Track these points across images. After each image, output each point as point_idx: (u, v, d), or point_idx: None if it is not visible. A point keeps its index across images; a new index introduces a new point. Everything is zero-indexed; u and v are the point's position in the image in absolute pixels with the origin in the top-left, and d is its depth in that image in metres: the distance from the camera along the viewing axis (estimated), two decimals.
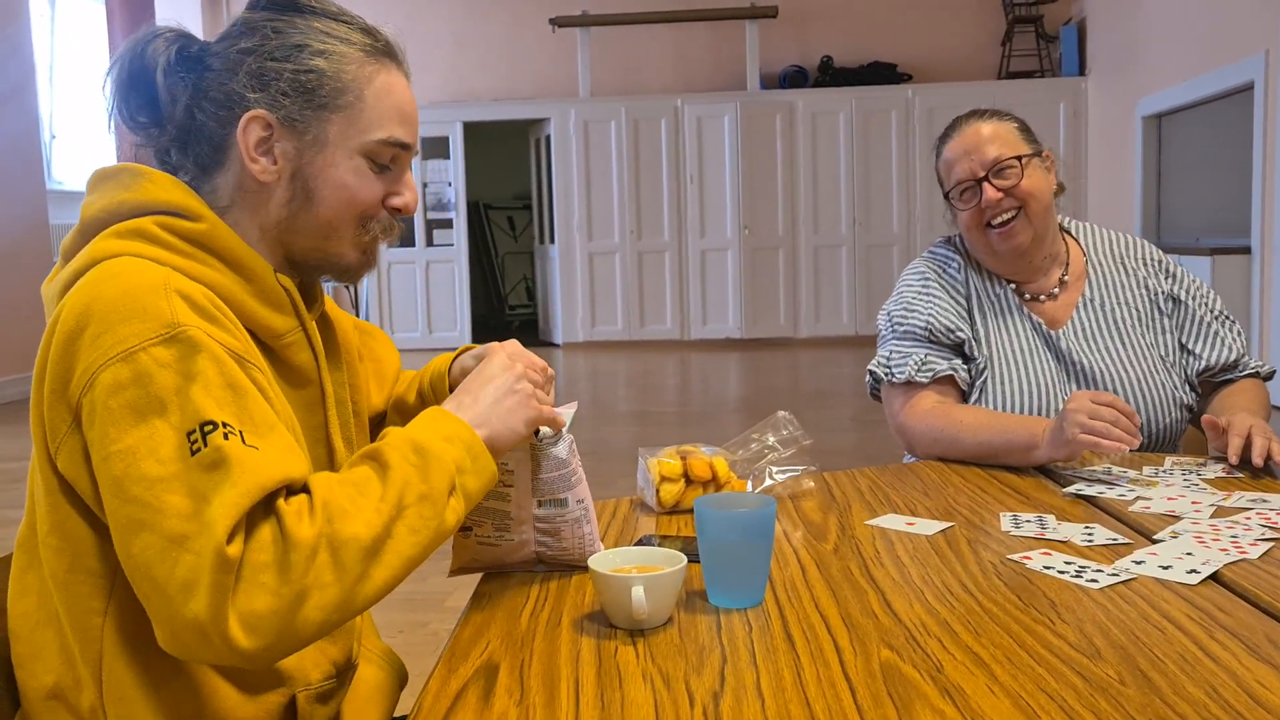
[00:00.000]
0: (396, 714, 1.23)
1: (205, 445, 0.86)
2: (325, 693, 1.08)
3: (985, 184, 1.75)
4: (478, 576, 1.18)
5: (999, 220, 1.76)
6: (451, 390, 1.23)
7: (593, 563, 1.02)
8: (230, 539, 0.83)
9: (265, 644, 0.85)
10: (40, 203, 7.22)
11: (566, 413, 1.17)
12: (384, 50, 1.08)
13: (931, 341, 1.79)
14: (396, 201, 1.09)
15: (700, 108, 9.30)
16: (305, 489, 0.91)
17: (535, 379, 1.11)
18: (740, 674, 0.89)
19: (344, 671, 1.12)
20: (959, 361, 1.79)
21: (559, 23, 9.33)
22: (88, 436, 0.89)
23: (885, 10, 9.45)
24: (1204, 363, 1.79)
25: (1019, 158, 1.75)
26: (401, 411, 1.30)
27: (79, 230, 1.01)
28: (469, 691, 0.88)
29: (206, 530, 0.83)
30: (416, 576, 1.52)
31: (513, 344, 1.14)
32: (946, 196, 1.83)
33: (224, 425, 0.87)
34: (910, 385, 1.78)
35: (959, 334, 1.79)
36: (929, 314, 1.80)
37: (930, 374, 1.77)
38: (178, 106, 1.04)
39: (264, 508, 0.87)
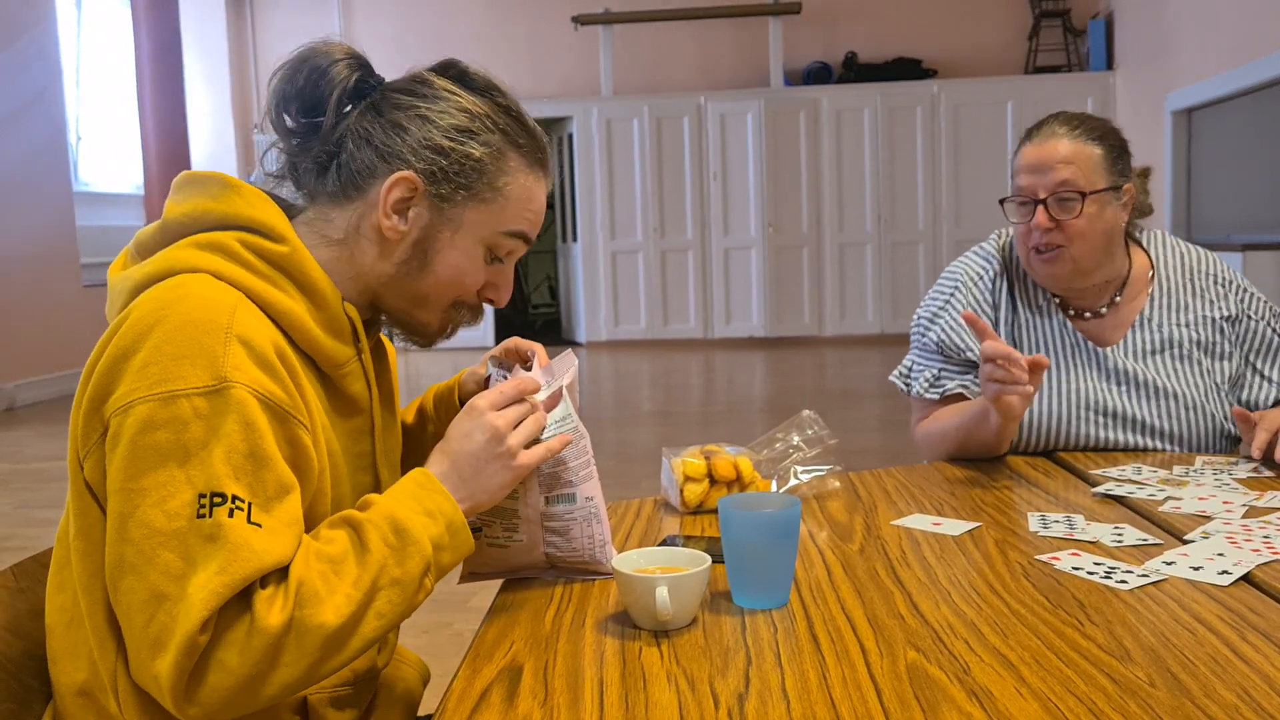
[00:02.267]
0: (420, 713, 1.23)
1: (210, 516, 0.87)
2: (340, 699, 1.08)
3: (1040, 207, 1.65)
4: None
5: (1044, 246, 1.67)
6: (461, 403, 1.25)
7: (616, 563, 1.02)
8: (204, 627, 0.85)
9: (212, 713, 0.87)
10: (67, 204, 7.29)
11: (561, 377, 1.14)
12: (541, 161, 1.12)
13: (944, 357, 1.78)
14: (490, 293, 1.13)
15: (724, 105, 9.28)
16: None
17: (519, 432, 1.06)
18: (765, 675, 0.88)
19: (364, 680, 1.12)
20: (970, 378, 1.75)
21: (581, 21, 9.34)
22: (109, 457, 0.90)
23: (910, 5, 9.40)
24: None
25: (1084, 194, 1.64)
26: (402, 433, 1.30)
27: (160, 229, 1.03)
28: (493, 692, 0.88)
29: (185, 604, 0.85)
30: None
31: (494, 392, 1.07)
32: (1003, 201, 1.74)
33: (233, 500, 0.88)
34: (923, 400, 1.80)
35: (968, 354, 1.74)
36: (943, 330, 1.77)
37: (940, 391, 1.76)
38: (336, 131, 1.07)
39: (242, 591, 0.88)
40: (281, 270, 1.01)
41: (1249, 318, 1.75)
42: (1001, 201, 1.75)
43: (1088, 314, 1.77)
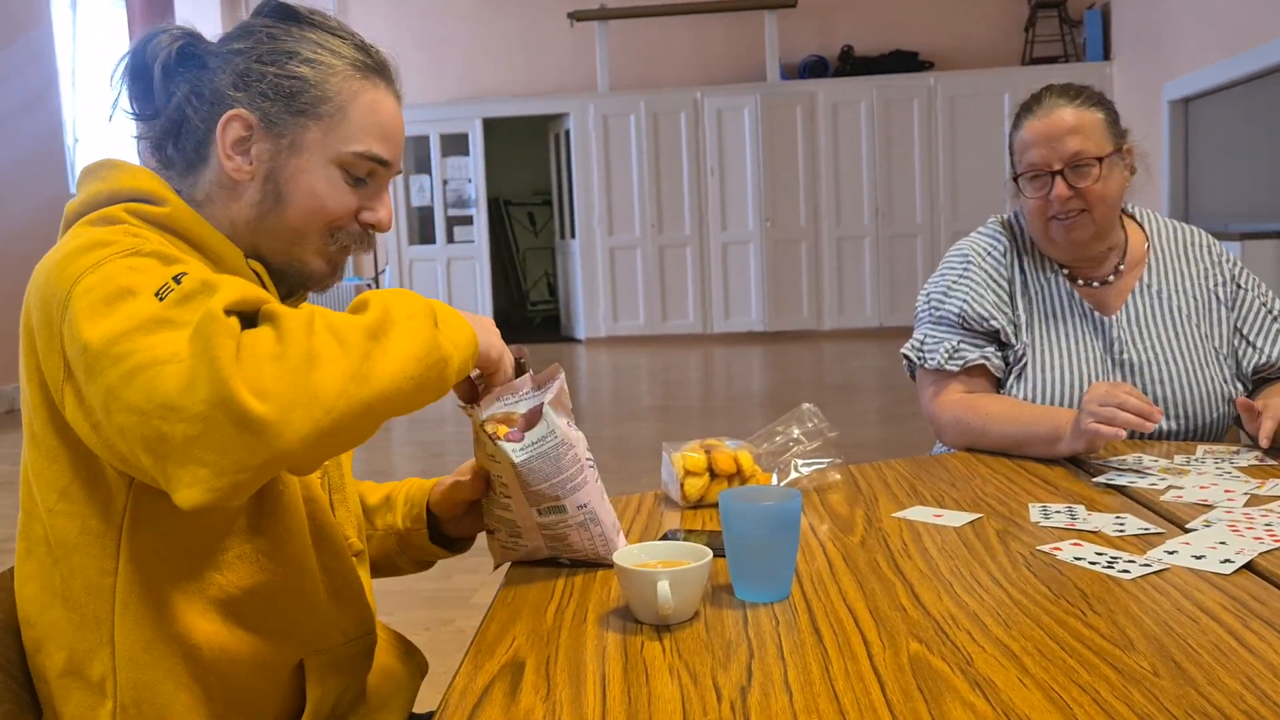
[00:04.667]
0: (422, 710, 1.23)
1: (176, 286, 0.88)
2: (336, 661, 1.08)
3: (1058, 178, 1.69)
4: (502, 574, 1.18)
5: (1064, 214, 1.71)
6: (430, 512, 1.27)
7: (617, 558, 1.02)
8: (227, 310, 0.85)
9: (282, 408, 0.81)
10: (63, 207, 7.27)
11: (546, 392, 1.10)
12: (375, 69, 1.09)
13: (965, 328, 1.77)
14: (369, 217, 1.10)
15: (720, 100, 9.28)
16: None
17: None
18: (767, 668, 0.88)
19: (355, 640, 1.12)
20: (992, 349, 1.76)
21: (577, 17, 9.33)
22: (68, 351, 0.89)
23: None
24: (1264, 357, 1.74)
25: (1099, 159, 1.69)
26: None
27: (62, 226, 1.05)
28: (495, 688, 0.88)
29: (195, 326, 0.84)
30: (441, 574, 1.51)
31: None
32: (1015, 177, 1.77)
33: (184, 275, 0.89)
34: (941, 373, 1.77)
35: (992, 322, 1.76)
36: (964, 300, 1.77)
37: (960, 362, 1.75)
38: (172, 102, 1.07)
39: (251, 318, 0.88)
40: (167, 230, 1.01)
41: (1240, 287, 1.79)
42: (1015, 179, 1.76)
43: (1095, 283, 1.80)
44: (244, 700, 1.02)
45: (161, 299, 0.87)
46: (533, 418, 1.08)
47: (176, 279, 0.88)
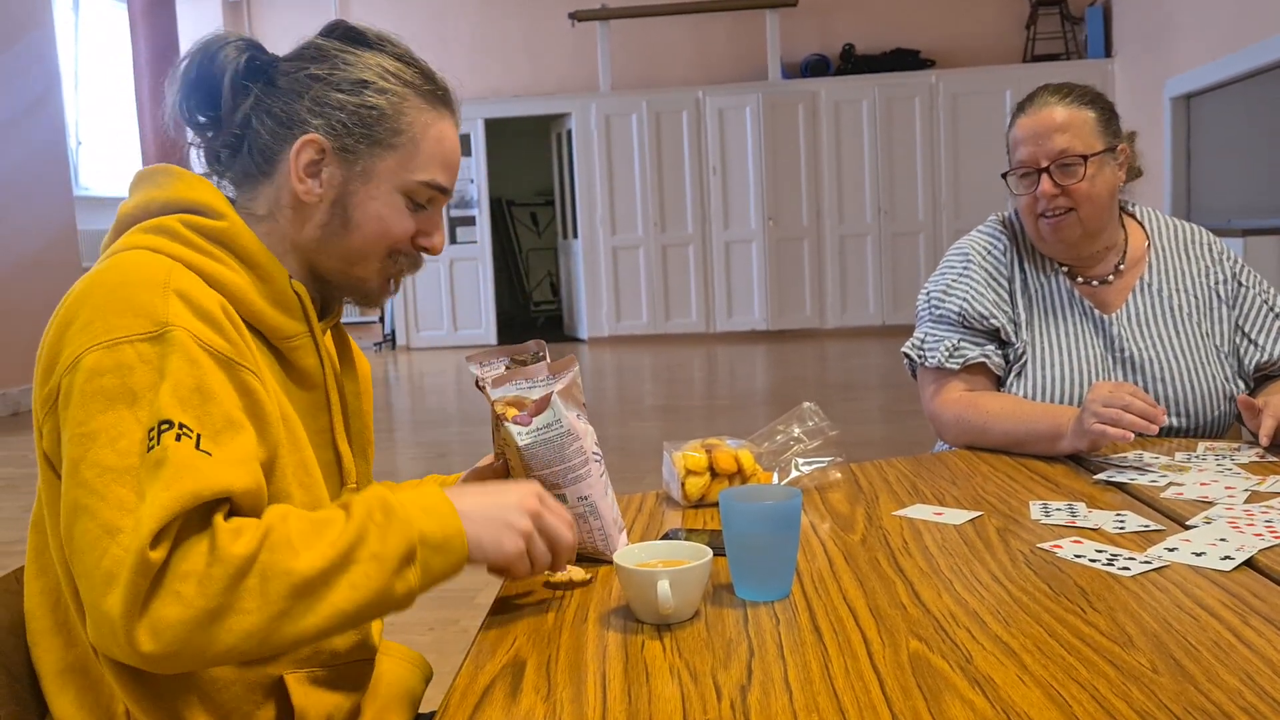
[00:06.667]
0: (424, 710, 1.24)
1: (157, 444, 0.87)
2: (319, 679, 1.07)
3: (1044, 175, 1.70)
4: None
5: (1050, 212, 1.72)
6: None
7: (618, 558, 1.02)
8: (155, 543, 0.84)
9: (167, 653, 0.84)
10: (68, 209, 7.29)
11: (557, 381, 1.13)
12: (442, 99, 1.13)
13: (965, 327, 1.77)
14: (425, 241, 1.13)
15: (722, 99, 9.28)
16: (256, 515, 0.91)
17: (552, 536, 1.03)
18: (768, 667, 0.88)
19: (344, 664, 1.11)
20: (992, 348, 1.76)
21: (578, 17, 9.33)
22: (61, 416, 0.91)
23: None
24: (1265, 355, 1.74)
25: (1085, 157, 1.69)
26: None
27: (114, 228, 1.05)
28: (496, 688, 0.88)
29: (135, 528, 0.84)
30: None
31: (547, 501, 1.05)
32: (1006, 174, 1.78)
33: (180, 427, 0.88)
34: (941, 371, 1.77)
35: (993, 320, 1.76)
36: (964, 299, 1.77)
37: (961, 360, 1.75)
38: (238, 113, 1.08)
39: (200, 519, 0.87)
40: (222, 245, 1.02)
41: (1241, 285, 1.79)
42: (1004, 175, 1.77)
43: (1095, 282, 1.79)
44: (228, 715, 1.01)
45: (149, 449, 0.87)
46: (542, 404, 1.12)
47: (161, 428, 0.87)
